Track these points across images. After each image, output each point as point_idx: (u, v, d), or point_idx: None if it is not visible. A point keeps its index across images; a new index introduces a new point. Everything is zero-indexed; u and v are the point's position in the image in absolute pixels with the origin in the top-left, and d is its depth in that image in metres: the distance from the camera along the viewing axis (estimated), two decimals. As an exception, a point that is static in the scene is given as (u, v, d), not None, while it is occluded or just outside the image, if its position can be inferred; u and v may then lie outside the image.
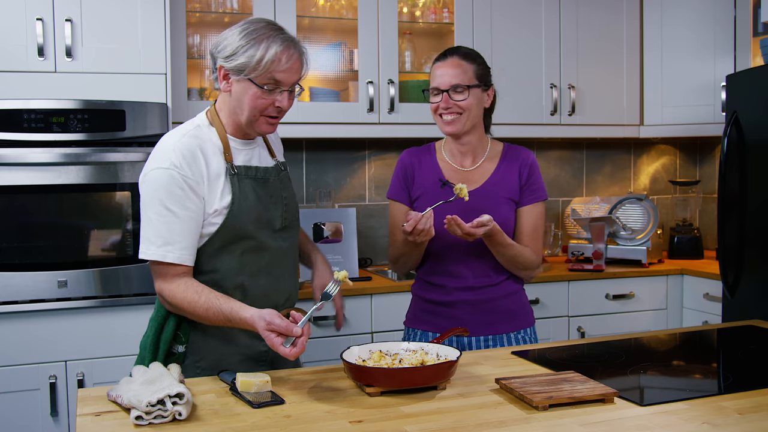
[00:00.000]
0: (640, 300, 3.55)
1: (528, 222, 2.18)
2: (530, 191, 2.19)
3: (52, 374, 2.71)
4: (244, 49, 1.76)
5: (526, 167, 2.20)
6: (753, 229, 3.03)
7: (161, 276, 1.77)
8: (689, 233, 3.93)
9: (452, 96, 2.10)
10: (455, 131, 2.14)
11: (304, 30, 3.52)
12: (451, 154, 2.23)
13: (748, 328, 2.29)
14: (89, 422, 1.46)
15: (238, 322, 1.70)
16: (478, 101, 2.14)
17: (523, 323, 2.22)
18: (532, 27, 3.64)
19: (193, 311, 1.74)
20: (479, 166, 2.20)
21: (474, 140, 2.19)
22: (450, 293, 2.17)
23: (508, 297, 2.20)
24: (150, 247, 1.75)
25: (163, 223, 1.74)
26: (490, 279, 2.17)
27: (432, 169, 2.22)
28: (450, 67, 2.12)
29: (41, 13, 2.72)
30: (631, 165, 4.30)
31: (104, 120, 2.75)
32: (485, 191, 2.15)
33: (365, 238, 3.77)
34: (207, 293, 1.73)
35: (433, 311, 2.21)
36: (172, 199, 1.74)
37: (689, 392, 1.64)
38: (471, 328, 2.15)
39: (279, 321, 1.61)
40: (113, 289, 2.78)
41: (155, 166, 1.77)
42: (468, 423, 1.43)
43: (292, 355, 1.59)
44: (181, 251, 1.75)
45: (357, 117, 3.38)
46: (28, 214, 2.71)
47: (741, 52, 3.59)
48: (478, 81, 2.12)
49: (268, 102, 1.81)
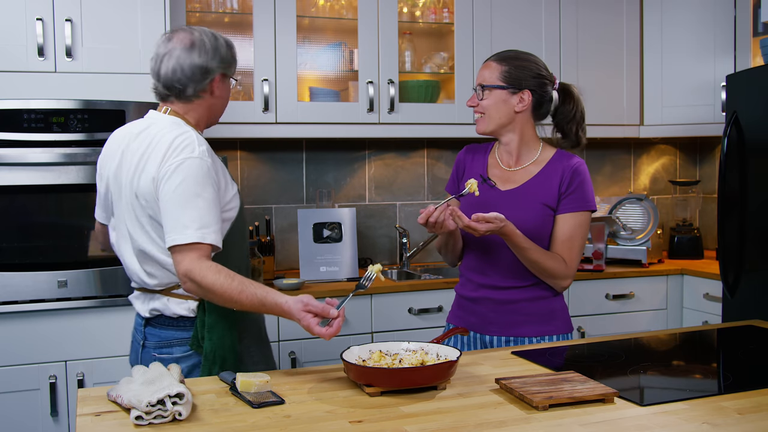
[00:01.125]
0: (640, 300, 3.55)
1: (562, 230, 2.14)
2: (569, 199, 2.14)
3: (52, 374, 2.72)
4: (233, 55, 2.01)
5: (569, 174, 2.15)
6: (753, 229, 3.03)
7: (189, 258, 1.78)
8: (689, 233, 3.94)
9: (479, 94, 2.17)
10: (480, 130, 2.21)
11: (304, 30, 3.52)
12: (500, 153, 2.26)
13: (748, 328, 2.29)
14: (89, 422, 1.46)
15: (272, 306, 1.76)
16: (501, 102, 2.14)
17: (552, 329, 2.18)
18: (532, 27, 3.64)
19: (225, 293, 1.76)
20: (523, 168, 2.21)
21: (514, 141, 2.20)
22: (476, 289, 2.20)
23: (535, 301, 2.16)
24: (187, 230, 1.78)
25: (197, 209, 1.80)
26: (517, 281, 2.15)
27: (481, 165, 2.26)
28: (484, 68, 2.20)
29: (41, 13, 2.72)
30: (631, 165, 4.30)
31: (104, 120, 2.75)
32: (520, 193, 2.15)
33: (365, 238, 3.77)
34: (240, 278, 1.78)
35: (463, 306, 2.25)
36: (204, 186, 1.82)
37: (689, 392, 1.64)
38: (494, 327, 2.16)
39: (316, 302, 1.72)
40: (113, 289, 2.78)
41: (187, 155, 1.82)
42: (468, 423, 1.43)
43: (327, 335, 1.69)
44: (215, 234, 1.82)
45: (357, 117, 3.38)
46: (28, 214, 2.71)
47: (741, 52, 3.59)
48: (502, 83, 2.13)
49: None
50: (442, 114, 3.52)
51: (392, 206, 3.84)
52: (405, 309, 3.17)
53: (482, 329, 2.19)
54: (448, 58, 3.64)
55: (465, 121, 3.53)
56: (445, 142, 3.89)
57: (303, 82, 3.46)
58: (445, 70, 3.64)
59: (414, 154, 3.88)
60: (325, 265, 3.32)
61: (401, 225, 3.81)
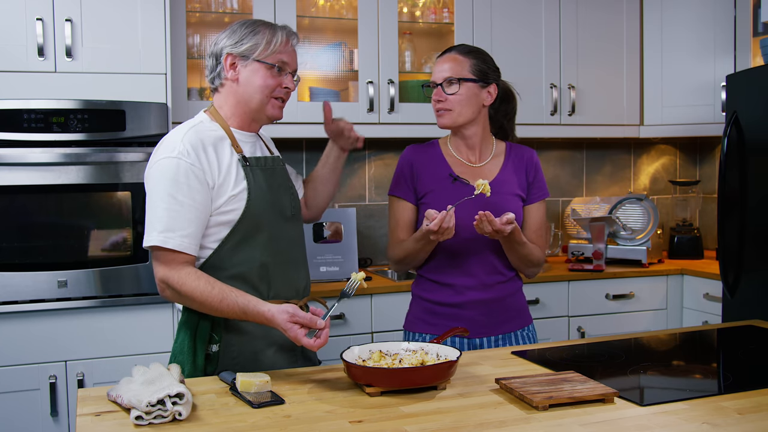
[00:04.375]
0: (640, 300, 3.55)
1: (535, 219, 2.22)
2: (537, 189, 2.23)
3: (52, 374, 2.71)
4: (251, 33, 1.86)
5: (532, 165, 2.23)
6: (753, 229, 3.03)
7: (165, 263, 1.76)
8: (689, 233, 3.93)
9: (445, 89, 2.11)
10: (447, 124, 2.15)
11: (304, 30, 3.52)
12: (457, 149, 2.22)
13: (748, 328, 2.29)
14: (89, 422, 1.46)
15: (254, 315, 1.72)
16: (473, 96, 2.12)
17: (525, 321, 2.24)
18: (532, 27, 3.64)
19: (205, 301, 1.73)
20: (487, 162, 2.20)
21: (477, 135, 2.18)
22: (461, 293, 2.15)
23: (514, 295, 2.21)
24: (152, 233, 1.75)
25: (166, 210, 1.75)
26: (501, 276, 2.17)
27: (439, 165, 2.20)
28: (447, 61, 2.14)
29: (41, 13, 2.72)
30: (631, 165, 4.30)
31: (104, 120, 2.75)
32: (495, 187, 2.14)
33: (365, 238, 3.77)
34: (220, 285, 1.74)
35: (438, 312, 2.17)
36: (177, 187, 1.75)
37: (689, 392, 1.64)
38: (481, 329, 2.14)
39: (302, 313, 1.67)
40: (113, 289, 2.78)
41: (163, 155, 1.79)
42: (468, 423, 1.43)
43: (316, 346, 1.65)
44: (182, 239, 1.75)
45: (357, 117, 3.38)
46: (28, 214, 2.71)
47: (741, 52, 3.59)
48: (473, 76, 2.11)
49: (277, 82, 1.89)
50: (442, 114, 3.52)
51: (392, 206, 3.84)
52: (405, 309, 3.17)
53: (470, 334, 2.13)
54: (448, 58, 3.64)
55: (465, 121, 3.53)
56: (445, 142, 3.88)
57: (303, 82, 3.46)
58: (445, 70, 3.63)
59: (414, 154, 3.87)
60: (325, 265, 3.32)
61: (401, 225, 3.80)
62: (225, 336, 1.85)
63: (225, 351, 1.85)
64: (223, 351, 1.85)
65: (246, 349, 1.87)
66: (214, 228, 1.82)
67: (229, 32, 1.88)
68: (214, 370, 1.84)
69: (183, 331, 1.85)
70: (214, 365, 1.85)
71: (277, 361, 1.88)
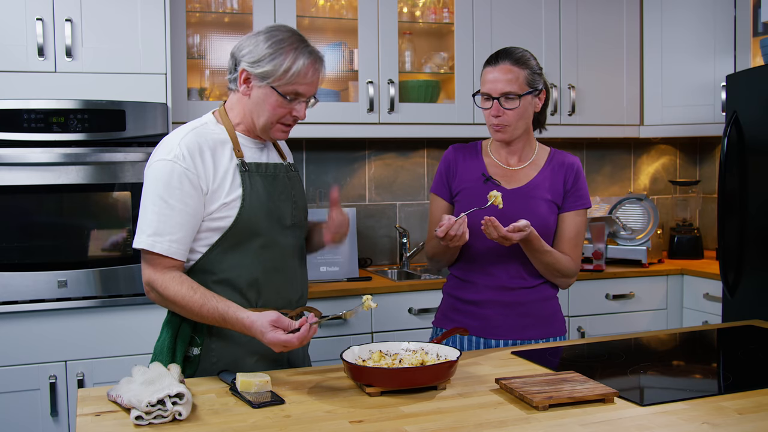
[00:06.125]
0: (640, 300, 3.55)
1: (570, 228, 2.15)
2: (575, 197, 2.16)
3: (52, 374, 2.71)
4: (271, 57, 1.78)
5: (572, 172, 2.17)
6: (753, 229, 3.03)
7: (151, 266, 1.76)
8: (689, 233, 3.94)
9: (503, 104, 2.06)
10: (505, 138, 2.13)
11: (304, 30, 3.51)
12: (497, 151, 2.21)
13: (748, 328, 2.29)
14: (89, 422, 1.46)
15: (233, 322, 1.71)
16: (528, 107, 2.10)
17: (554, 331, 2.19)
18: (532, 27, 3.64)
19: (186, 306, 1.73)
20: (525, 167, 2.18)
21: (521, 140, 2.17)
22: (480, 291, 2.15)
23: (541, 302, 2.17)
24: (141, 235, 1.76)
25: (156, 213, 1.74)
26: (525, 281, 2.14)
27: (476, 165, 2.19)
28: (501, 72, 2.06)
29: (41, 13, 2.72)
30: (631, 165, 4.30)
31: (104, 120, 2.75)
32: (526, 191, 2.13)
33: (365, 238, 3.77)
34: (203, 290, 1.73)
35: (459, 309, 2.19)
36: (170, 190, 1.74)
37: (689, 392, 1.64)
38: (499, 330, 2.13)
39: (286, 320, 1.66)
40: (113, 289, 2.78)
41: (159, 157, 1.78)
42: (468, 423, 1.43)
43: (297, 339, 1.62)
44: (170, 243, 1.74)
45: (357, 117, 3.38)
46: (28, 214, 2.71)
47: (741, 52, 3.59)
48: (529, 87, 2.08)
49: (287, 111, 1.84)
50: (442, 114, 3.52)
51: (392, 206, 3.84)
52: (405, 309, 3.17)
53: (485, 333, 2.14)
54: (448, 58, 3.64)
55: (465, 121, 3.53)
56: (445, 142, 3.88)
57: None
58: (445, 70, 3.64)
59: (414, 154, 3.88)
60: (325, 265, 3.32)
61: (401, 225, 3.81)
62: (206, 340, 1.84)
63: (205, 355, 1.84)
64: (203, 355, 1.84)
65: (226, 356, 1.85)
66: (205, 233, 1.81)
67: (252, 44, 1.81)
68: (194, 373, 1.83)
69: (165, 330, 1.85)
70: (194, 368, 1.83)
71: (258, 370, 1.83)
